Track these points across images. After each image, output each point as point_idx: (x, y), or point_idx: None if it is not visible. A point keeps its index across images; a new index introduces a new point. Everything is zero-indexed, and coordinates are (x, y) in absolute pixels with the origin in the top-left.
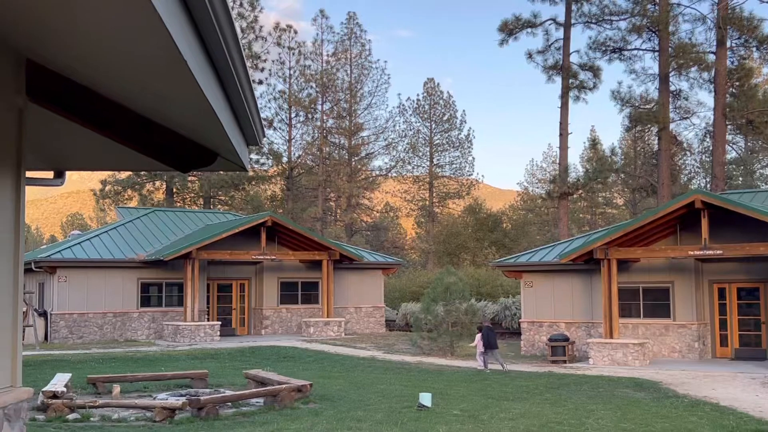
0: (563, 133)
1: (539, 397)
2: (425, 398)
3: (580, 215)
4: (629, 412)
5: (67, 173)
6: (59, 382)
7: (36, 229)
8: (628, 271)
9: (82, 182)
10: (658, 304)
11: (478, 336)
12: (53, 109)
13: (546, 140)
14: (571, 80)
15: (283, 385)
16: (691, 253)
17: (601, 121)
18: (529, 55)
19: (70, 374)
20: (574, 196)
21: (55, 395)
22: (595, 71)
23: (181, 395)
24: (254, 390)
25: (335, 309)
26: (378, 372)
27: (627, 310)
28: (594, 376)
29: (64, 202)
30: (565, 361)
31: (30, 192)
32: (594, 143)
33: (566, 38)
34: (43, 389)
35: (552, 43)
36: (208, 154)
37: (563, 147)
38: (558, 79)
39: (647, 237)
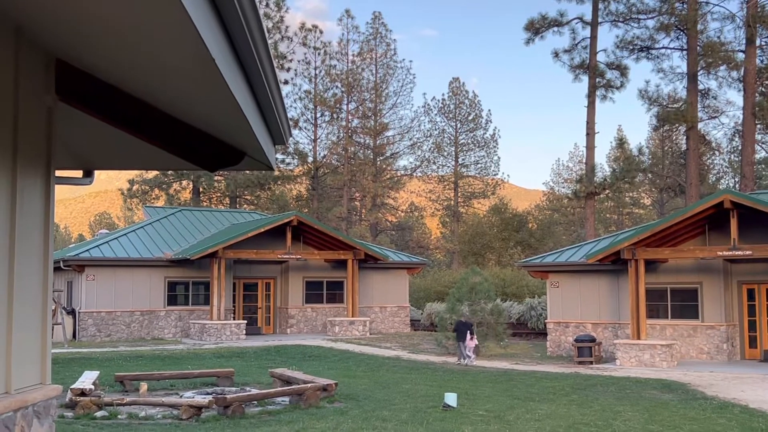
0: (590, 133)
1: (565, 398)
2: (450, 398)
3: (606, 215)
4: (657, 413)
5: (96, 172)
6: (87, 379)
7: (64, 228)
8: (655, 272)
9: (110, 182)
10: (686, 305)
11: (468, 333)
12: (81, 107)
13: (572, 140)
14: (598, 79)
15: (309, 384)
16: (720, 253)
17: (628, 121)
18: (556, 54)
19: (98, 372)
20: (601, 196)
21: (83, 393)
22: (623, 70)
23: (208, 393)
24: (280, 389)
25: (360, 308)
26: (403, 371)
27: (654, 311)
28: (621, 377)
29: (92, 201)
30: (591, 362)
31: (58, 191)
32: (621, 142)
33: (593, 37)
34: (71, 387)
35: (578, 42)
36: (235, 153)
37: (590, 146)
38: (585, 78)
39: (675, 237)
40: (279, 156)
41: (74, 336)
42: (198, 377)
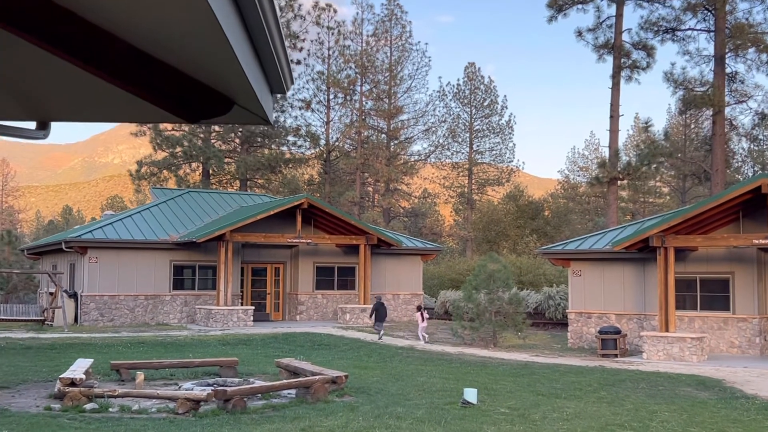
0: (614, 115)
1: (594, 395)
2: (470, 394)
3: (622, 204)
4: (696, 414)
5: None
6: (79, 368)
7: (77, 212)
8: (684, 261)
9: (124, 165)
10: (716, 296)
11: (418, 314)
12: (20, 33)
13: (588, 127)
14: (623, 59)
15: (317, 377)
16: (756, 242)
17: (647, 106)
18: (579, 33)
19: (92, 360)
20: (624, 182)
21: (72, 383)
22: (649, 50)
23: (208, 384)
24: (285, 381)
25: (372, 295)
26: (417, 363)
27: (681, 302)
28: (650, 372)
29: (105, 185)
30: (616, 355)
31: (71, 175)
32: (646, 126)
33: (618, 15)
34: (60, 376)
35: (603, 21)
36: (222, 101)
37: (613, 129)
38: (609, 59)
39: (706, 224)
40: (290, 138)
41: (76, 320)
42: (199, 366)
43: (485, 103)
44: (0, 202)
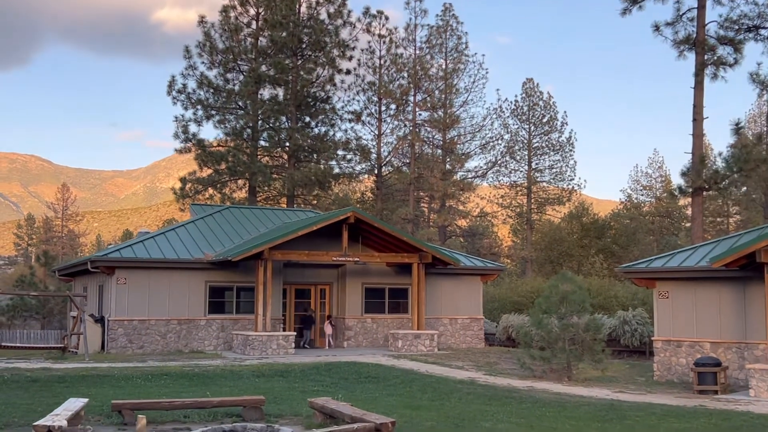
0: (697, 118)
1: None
2: None
3: (688, 224)
4: None
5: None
6: (65, 411)
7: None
8: None
9: None
10: None
11: (327, 322)
12: None
13: (651, 144)
14: (707, 56)
15: (356, 425)
16: None
17: (728, 111)
18: (656, 28)
19: (86, 400)
20: (710, 192)
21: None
22: (736, 45)
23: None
24: None
25: (427, 320)
26: (480, 401)
27: None
28: (766, 414)
29: (166, 209)
30: (716, 392)
31: (133, 200)
32: (737, 127)
33: (701, 6)
34: (35, 423)
35: (683, 14)
36: None
37: (697, 134)
38: (690, 56)
39: None
40: (339, 152)
41: (102, 347)
42: (218, 407)
43: (544, 120)
44: (60, 226)
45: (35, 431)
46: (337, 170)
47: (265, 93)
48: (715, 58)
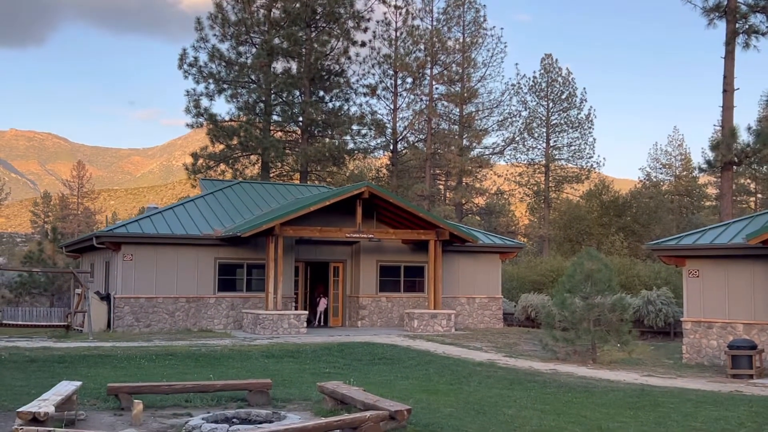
0: (727, 89)
1: None
2: None
3: (705, 203)
4: None
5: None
6: (54, 395)
7: None
8: None
9: None
10: None
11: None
12: None
13: (670, 122)
14: (738, 24)
15: (368, 413)
16: None
17: (753, 86)
18: None
19: (79, 383)
20: (740, 168)
21: (35, 418)
22: None
23: (226, 418)
24: (323, 421)
25: (444, 299)
26: (501, 385)
27: None
28: None
29: (182, 187)
30: (751, 376)
31: (150, 178)
32: None
33: None
34: (19, 410)
35: None
36: None
37: (727, 106)
38: (720, 24)
39: None
40: (354, 127)
41: (108, 326)
42: (222, 390)
43: (563, 96)
44: (76, 204)
45: (19, 418)
46: (351, 145)
47: (278, 66)
48: (747, 26)
